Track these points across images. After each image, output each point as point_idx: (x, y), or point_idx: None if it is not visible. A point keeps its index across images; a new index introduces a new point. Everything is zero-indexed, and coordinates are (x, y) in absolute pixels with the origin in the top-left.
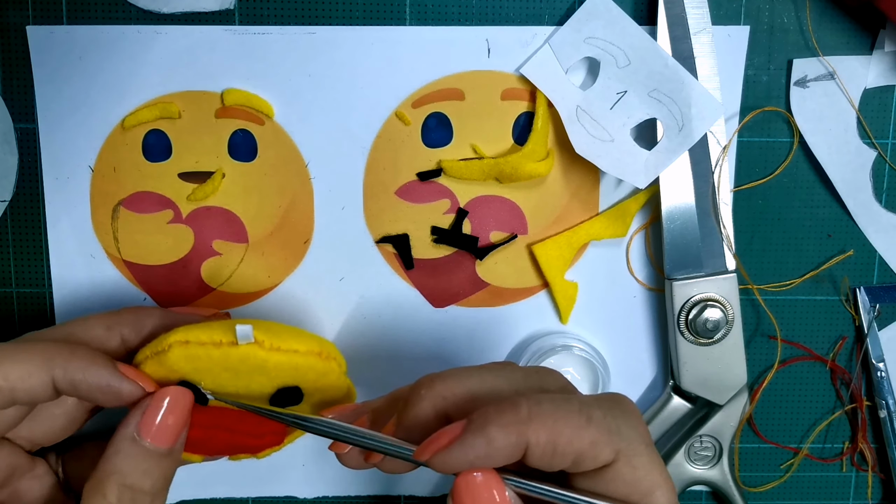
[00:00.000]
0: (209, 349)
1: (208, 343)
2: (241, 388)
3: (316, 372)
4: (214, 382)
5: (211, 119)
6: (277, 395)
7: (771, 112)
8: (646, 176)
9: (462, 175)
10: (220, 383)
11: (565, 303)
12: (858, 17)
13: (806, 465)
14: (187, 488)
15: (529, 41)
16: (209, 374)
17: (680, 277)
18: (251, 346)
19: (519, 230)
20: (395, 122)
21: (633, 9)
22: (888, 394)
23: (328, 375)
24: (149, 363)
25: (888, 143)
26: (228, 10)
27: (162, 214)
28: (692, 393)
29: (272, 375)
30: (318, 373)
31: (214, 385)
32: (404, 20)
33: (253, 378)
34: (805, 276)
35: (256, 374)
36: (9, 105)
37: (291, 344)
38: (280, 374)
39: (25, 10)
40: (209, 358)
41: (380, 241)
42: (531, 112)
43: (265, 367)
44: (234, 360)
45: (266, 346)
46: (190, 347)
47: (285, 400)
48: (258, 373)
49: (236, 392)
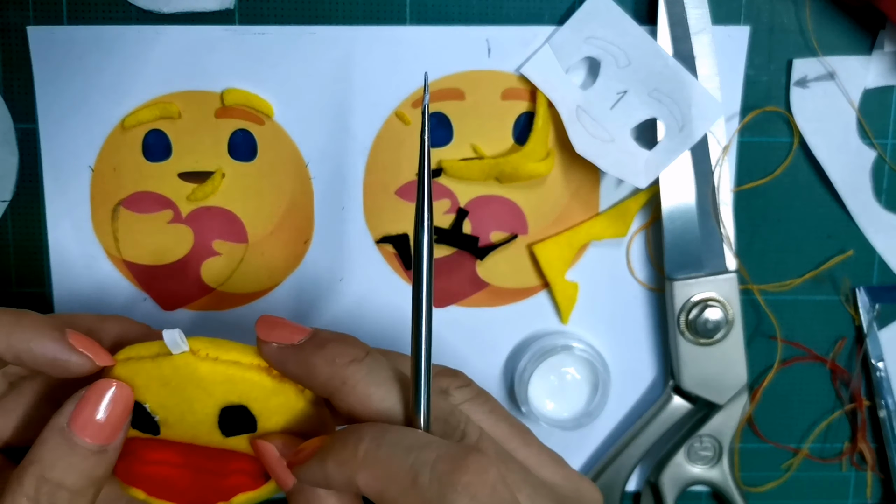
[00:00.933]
0: (145, 363)
1: (146, 356)
2: (185, 409)
3: (263, 389)
4: (158, 403)
5: (211, 119)
6: (224, 417)
7: (771, 112)
8: (646, 176)
9: (462, 175)
10: (162, 403)
11: (566, 303)
12: (858, 18)
13: (806, 465)
14: None
15: (530, 41)
16: (150, 394)
17: (680, 277)
18: (184, 356)
19: (519, 230)
20: (395, 122)
21: (633, 9)
22: (888, 394)
23: (280, 396)
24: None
25: (888, 144)
26: (228, 10)
27: (162, 214)
28: (692, 393)
29: (210, 391)
30: (267, 391)
31: (159, 407)
32: (404, 20)
33: (191, 394)
34: (805, 276)
35: (193, 389)
36: (9, 105)
37: (233, 355)
38: (218, 390)
39: (26, 10)
40: (146, 373)
41: (380, 241)
42: (531, 112)
43: (199, 380)
44: (167, 372)
45: (201, 356)
46: (130, 364)
47: (235, 424)
48: (194, 387)
49: (181, 414)
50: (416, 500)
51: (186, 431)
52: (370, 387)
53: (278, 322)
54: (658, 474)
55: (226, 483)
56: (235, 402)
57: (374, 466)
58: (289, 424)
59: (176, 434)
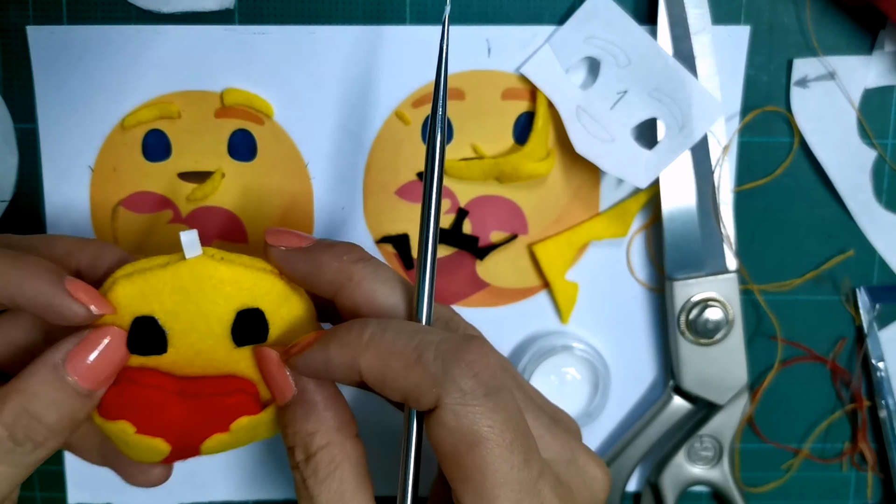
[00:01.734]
0: (156, 272)
1: (154, 266)
2: (197, 315)
3: (278, 294)
4: (167, 312)
5: (210, 119)
6: (238, 322)
7: (771, 112)
8: (646, 176)
9: (462, 175)
10: (173, 311)
11: (566, 303)
12: (859, 18)
13: (806, 466)
14: (185, 491)
15: (529, 41)
16: (160, 304)
17: (680, 277)
18: (200, 259)
19: (519, 230)
20: (395, 122)
21: (633, 8)
22: (888, 394)
23: (291, 302)
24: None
25: (888, 144)
26: (228, 10)
27: (161, 214)
28: (693, 393)
29: (226, 293)
30: (281, 296)
31: (168, 317)
32: (404, 20)
33: (207, 298)
34: (805, 276)
35: (210, 293)
36: (9, 105)
37: (244, 260)
38: (236, 293)
39: (25, 9)
40: (158, 281)
41: (380, 241)
42: (531, 112)
43: (217, 281)
44: (183, 277)
45: (217, 258)
46: (135, 278)
47: (248, 329)
48: (210, 289)
49: (191, 323)
50: (419, 377)
51: (193, 345)
52: (375, 283)
53: (285, 230)
54: (658, 474)
55: (225, 404)
56: (250, 305)
57: (379, 347)
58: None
59: (181, 351)
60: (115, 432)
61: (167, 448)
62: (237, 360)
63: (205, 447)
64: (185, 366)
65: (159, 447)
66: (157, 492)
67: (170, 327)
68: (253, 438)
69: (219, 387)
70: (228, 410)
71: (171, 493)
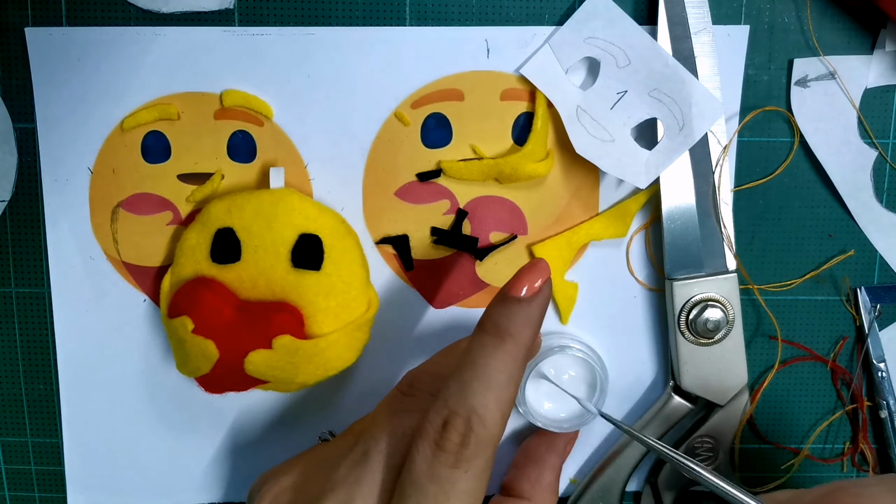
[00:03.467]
0: (243, 194)
1: (244, 189)
2: (267, 231)
3: (336, 232)
4: (244, 228)
5: (210, 120)
6: (299, 245)
7: (771, 112)
8: (646, 176)
9: (462, 176)
10: (249, 227)
11: (565, 303)
12: (859, 17)
13: (807, 466)
14: (185, 492)
15: (529, 41)
16: (240, 220)
17: (680, 277)
18: (281, 189)
19: (519, 230)
20: (394, 123)
21: (633, 8)
22: (889, 394)
23: (348, 239)
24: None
25: (889, 143)
26: (228, 11)
27: (161, 216)
28: (692, 393)
29: (294, 218)
30: (340, 231)
31: (244, 231)
32: (404, 20)
33: (278, 220)
34: (806, 276)
35: (280, 215)
36: (8, 105)
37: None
38: (302, 221)
39: (25, 10)
40: (244, 201)
41: (379, 241)
42: (531, 112)
43: (290, 208)
44: (264, 200)
45: (294, 191)
46: (226, 197)
47: (307, 251)
48: (282, 213)
49: (261, 238)
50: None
51: (259, 262)
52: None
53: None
54: (658, 474)
55: (271, 320)
56: (313, 231)
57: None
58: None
59: (249, 267)
60: (176, 328)
61: (216, 353)
62: (293, 286)
63: (248, 361)
64: (250, 286)
65: (209, 350)
66: (156, 492)
67: (244, 239)
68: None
69: (270, 307)
70: (274, 326)
71: (171, 492)
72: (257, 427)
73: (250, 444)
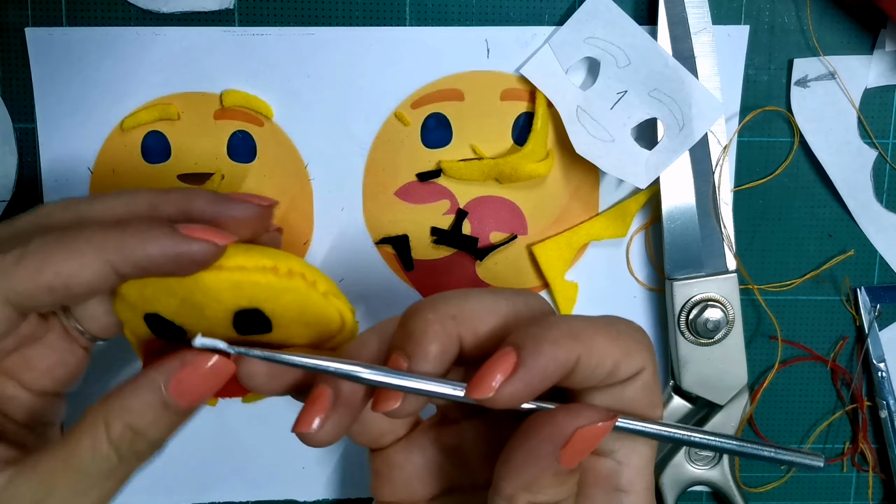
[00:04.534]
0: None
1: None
2: (198, 316)
3: (271, 289)
4: (173, 314)
5: (210, 120)
6: (238, 321)
7: (771, 112)
8: (646, 176)
9: (462, 176)
10: (176, 313)
11: (565, 303)
12: (859, 17)
13: None
14: (186, 492)
15: (529, 41)
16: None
17: (680, 277)
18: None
19: (519, 231)
20: (394, 123)
21: (633, 9)
22: (889, 394)
23: (290, 293)
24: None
25: (889, 143)
26: (228, 11)
27: None
28: (692, 393)
29: (219, 298)
30: (275, 290)
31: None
32: (404, 20)
33: (201, 303)
34: (806, 276)
35: (201, 298)
36: (8, 105)
37: (237, 260)
38: (227, 297)
39: (25, 10)
40: (155, 287)
41: (379, 242)
42: (531, 112)
43: (206, 289)
44: (174, 285)
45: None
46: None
47: (249, 325)
48: (202, 296)
49: (196, 321)
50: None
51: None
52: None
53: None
54: (658, 474)
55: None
56: (247, 307)
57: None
58: (303, 317)
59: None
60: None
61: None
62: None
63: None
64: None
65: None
66: (156, 492)
67: (179, 321)
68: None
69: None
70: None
71: (171, 493)
72: (257, 427)
73: (250, 443)
